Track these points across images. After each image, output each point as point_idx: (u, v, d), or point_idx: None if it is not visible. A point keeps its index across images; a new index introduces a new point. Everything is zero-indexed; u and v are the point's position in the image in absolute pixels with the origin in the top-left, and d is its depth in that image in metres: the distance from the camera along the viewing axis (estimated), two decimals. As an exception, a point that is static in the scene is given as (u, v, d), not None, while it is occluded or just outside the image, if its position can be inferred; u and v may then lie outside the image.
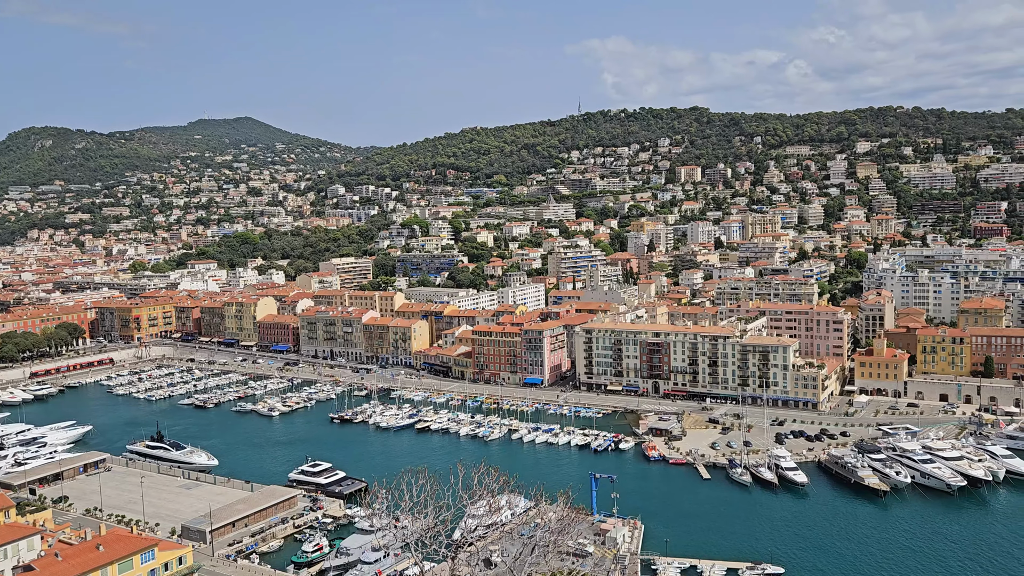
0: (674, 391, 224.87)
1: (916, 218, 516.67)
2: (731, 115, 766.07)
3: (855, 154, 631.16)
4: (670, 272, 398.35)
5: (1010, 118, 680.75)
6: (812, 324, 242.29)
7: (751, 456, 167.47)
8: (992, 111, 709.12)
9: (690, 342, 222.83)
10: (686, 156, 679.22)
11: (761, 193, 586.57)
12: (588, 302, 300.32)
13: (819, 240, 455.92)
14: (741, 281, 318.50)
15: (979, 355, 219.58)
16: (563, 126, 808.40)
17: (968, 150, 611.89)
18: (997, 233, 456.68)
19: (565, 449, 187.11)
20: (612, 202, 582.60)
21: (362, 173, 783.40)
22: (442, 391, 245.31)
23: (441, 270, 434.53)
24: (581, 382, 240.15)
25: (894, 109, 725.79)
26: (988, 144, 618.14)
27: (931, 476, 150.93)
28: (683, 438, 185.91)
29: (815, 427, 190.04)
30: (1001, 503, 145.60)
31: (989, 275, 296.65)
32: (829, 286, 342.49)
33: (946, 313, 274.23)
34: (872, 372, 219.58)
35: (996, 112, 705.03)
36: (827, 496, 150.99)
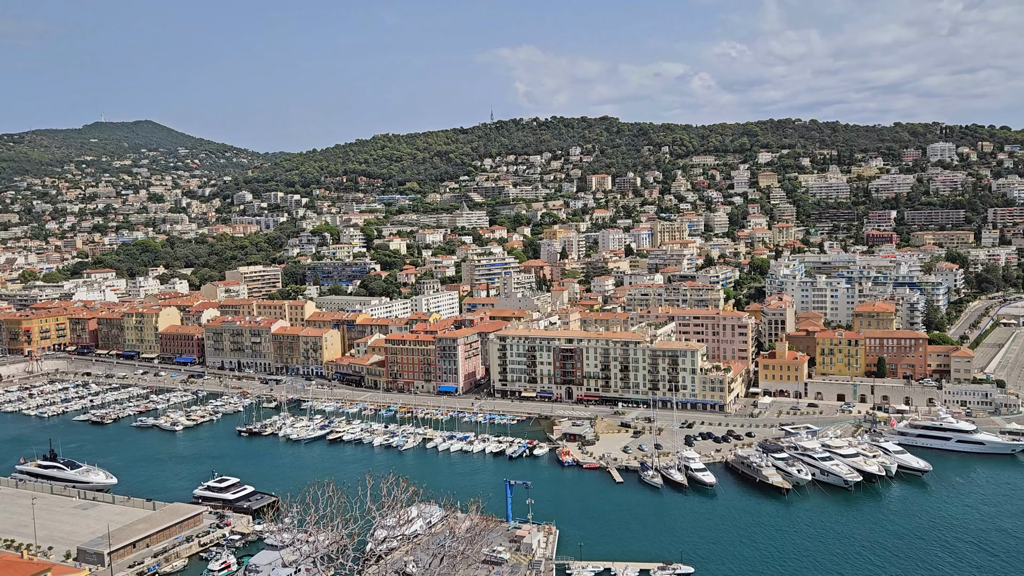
0: (587, 396, 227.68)
1: (814, 226, 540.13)
2: (640, 125, 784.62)
3: (757, 164, 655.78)
4: (582, 279, 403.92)
5: (898, 131, 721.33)
6: (719, 329, 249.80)
7: (662, 459, 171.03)
8: (882, 125, 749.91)
9: (602, 348, 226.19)
10: (597, 165, 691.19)
11: (669, 201, 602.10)
12: (502, 309, 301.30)
13: (724, 247, 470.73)
14: (651, 287, 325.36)
15: (872, 356, 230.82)
16: (476, 134, 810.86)
17: (860, 161, 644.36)
18: (887, 240, 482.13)
19: (480, 457, 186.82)
20: (525, 210, 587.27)
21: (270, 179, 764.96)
22: (355, 401, 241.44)
23: (353, 278, 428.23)
24: (496, 389, 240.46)
25: (793, 122, 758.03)
26: (878, 156, 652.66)
27: (830, 473, 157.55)
28: (596, 443, 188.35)
29: (722, 429, 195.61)
30: (894, 497, 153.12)
31: (881, 280, 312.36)
32: (734, 292, 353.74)
33: (842, 316, 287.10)
34: (775, 374, 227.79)
35: (885, 126, 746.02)
36: (734, 495, 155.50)
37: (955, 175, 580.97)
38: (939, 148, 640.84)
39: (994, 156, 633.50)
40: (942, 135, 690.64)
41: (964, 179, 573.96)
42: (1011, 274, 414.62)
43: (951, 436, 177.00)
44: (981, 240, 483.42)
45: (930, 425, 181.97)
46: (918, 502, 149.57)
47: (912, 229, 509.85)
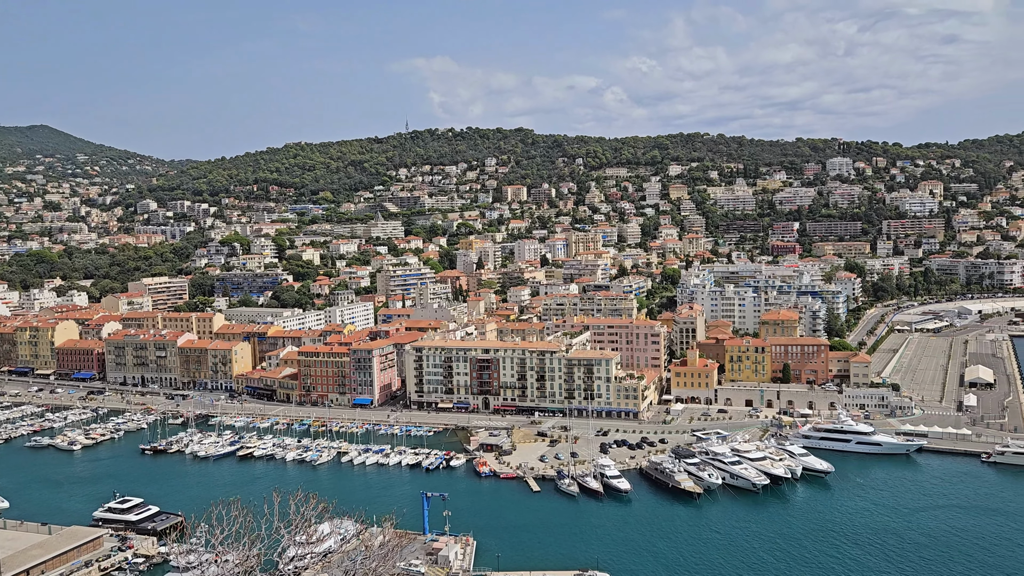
0: (504, 406, 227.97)
1: (722, 237, 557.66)
2: (554, 137, 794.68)
3: (668, 177, 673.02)
4: (498, 289, 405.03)
5: (799, 146, 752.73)
6: (632, 337, 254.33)
7: (578, 467, 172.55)
8: (785, 140, 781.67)
9: (519, 358, 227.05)
10: (512, 176, 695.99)
11: (584, 212, 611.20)
12: (418, 320, 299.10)
13: (637, 257, 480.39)
14: (566, 297, 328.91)
15: (778, 363, 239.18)
16: (391, 143, 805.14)
17: (765, 175, 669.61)
18: (791, 251, 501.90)
19: (396, 469, 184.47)
20: (441, 220, 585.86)
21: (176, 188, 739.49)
22: (266, 415, 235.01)
23: (264, 289, 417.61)
24: (412, 401, 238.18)
25: (701, 136, 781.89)
26: (782, 170, 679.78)
27: (739, 476, 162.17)
28: (513, 452, 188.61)
29: (636, 436, 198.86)
30: (799, 498, 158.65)
31: (785, 289, 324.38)
32: (647, 301, 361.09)
33: (749, 325, 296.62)
34: (686, 381, 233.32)
35: (788, 141, 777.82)
36: (648, 501, 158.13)
37: (852, 189, 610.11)
38: (837, 163, 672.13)
39: (887, 171, 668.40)
40: (840, 150, 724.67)
41: (861, 193, 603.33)
42: (904, 283, 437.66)
43: (851, 438, 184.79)
44: (877, 251, 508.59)
45: (832, 428, 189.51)
46: (821, 502, 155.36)
47: (814, 240, 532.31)
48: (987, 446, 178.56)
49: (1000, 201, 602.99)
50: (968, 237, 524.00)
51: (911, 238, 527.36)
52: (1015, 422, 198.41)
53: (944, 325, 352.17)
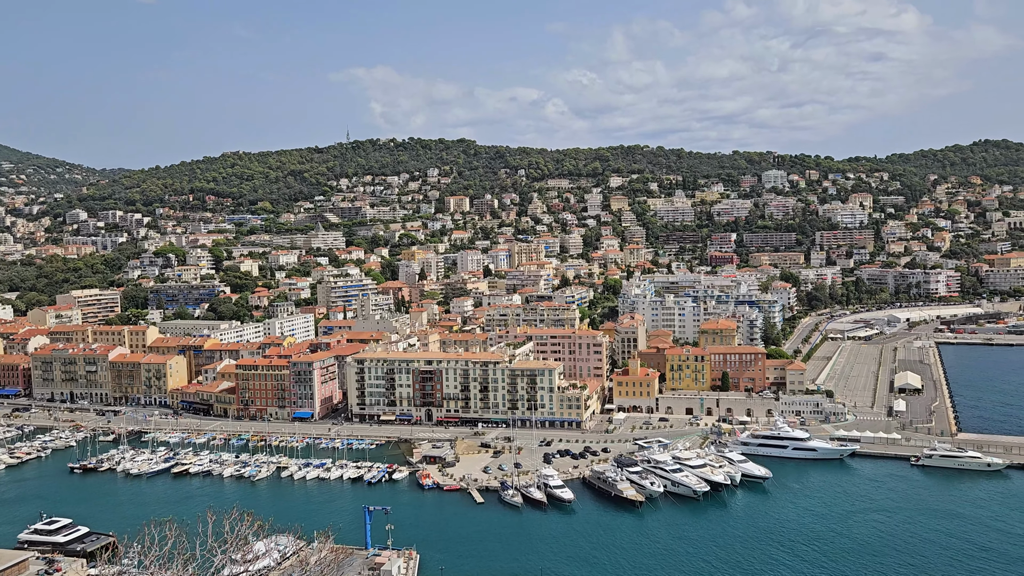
0: (447, 418, 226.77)
1: (662, 247, 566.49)
2: (497, 148, 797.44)
3: (609, 188, 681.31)
4: (441, 300, 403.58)
5: (736, 159, 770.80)
6: (575, 347, 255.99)
7: (521, 477, 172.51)
8: (722, 152, 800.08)
9: (462, 369, 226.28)
10: (455, 186, 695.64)
11: (526, 223, 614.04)
12: (360, 332, 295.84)
13: (579, 268, 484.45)
14: (509, 308, 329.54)
15: (717, 371, 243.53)
16: (331, 153, 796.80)
17: (703, 187, 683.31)
18: (729, 261, 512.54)
19: (338, 483, 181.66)
20: (383, 231, 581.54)
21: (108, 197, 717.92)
22: (202, 431, 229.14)
23: (201, 301, 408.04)
24: (354, 413, 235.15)
25: (641, 148, 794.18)
26: (719, 182, 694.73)
27: (680, 484, 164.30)
28: (456, 464, 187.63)
29: (579, 445, 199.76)
30: (738, 504, 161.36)
31: (723, 299, 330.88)
32: (589, 311, 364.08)
33: (689, 334, 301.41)
34: (628, 391, 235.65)
35: (725, 154, 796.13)
36: (591, 510, 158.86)
37: (787, 201, 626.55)
38: (772, 176, 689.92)
39: (820, 184, 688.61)
40: (775, 163, 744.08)
41: (795, 204, 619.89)
42: (836, 292, 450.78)
43: (788, 444, 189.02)
44: (810, 261, 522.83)
45: (769, 434, 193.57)
46: (760, 508, 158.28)
47: (750, 251, 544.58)
48: (915, 450, 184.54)
49: (925, 213, 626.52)
50: (896, 248, 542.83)
51: (843, 249, 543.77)
52: (941, 426, 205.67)
53: (875, 333, 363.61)
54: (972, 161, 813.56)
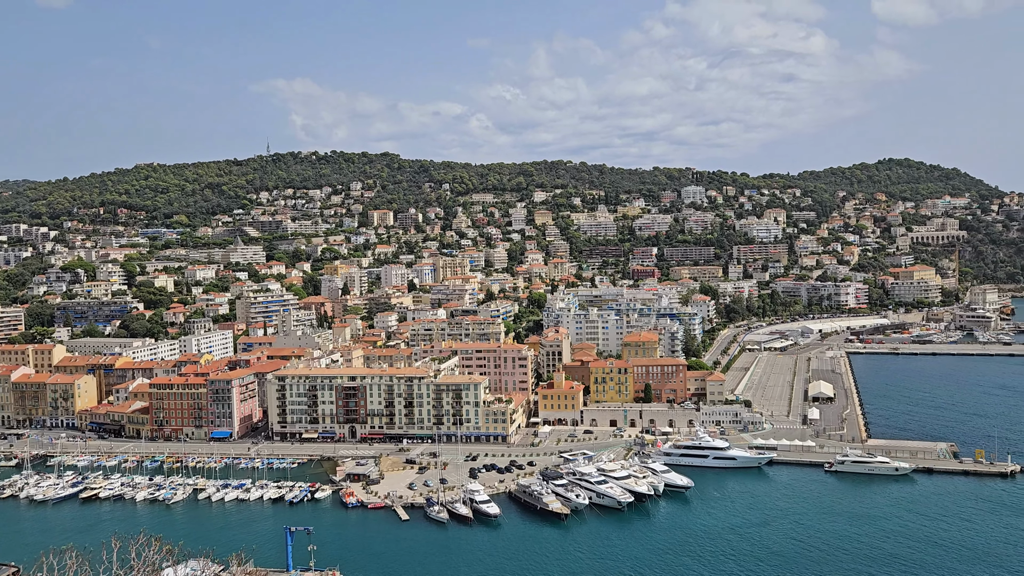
0: (371, 434, 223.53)
1: (586, 261, 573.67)
2: (421, 162, 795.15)
3: (533, 203, 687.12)
4: (365, 315, 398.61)
5: (656, 175, 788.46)
6: (500, 361, 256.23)
7: (447, 493, 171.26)
8: (643, 168, 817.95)
9: (386, 384, 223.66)
10: (378, 200, 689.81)
11: (451, 237, 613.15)
12: (281, 348, 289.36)
13: (504, 282, 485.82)
14: (434, 322, 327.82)
15: (640, 383, 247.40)
16: (251, 166, 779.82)
17: (625, 202, 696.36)
18: (650, 275, 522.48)
19: (258, 504, 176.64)
20: (304, 245, 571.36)
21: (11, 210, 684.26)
22: (113, 453, 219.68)
23: (112, 318, 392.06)
24: (274, 432, 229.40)
25: (564, 163, 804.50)
26: (640, 197, 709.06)
27: (605, 495, 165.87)
28: (381, 481, 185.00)
29: (505, 459, 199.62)
30: (661, 513, 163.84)
31: (645, 312, 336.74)
32: (514, 325, 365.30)
33: (613, 346, 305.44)
34: (553, 404, 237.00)
35: (645, 169, 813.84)
36: (517, 524, 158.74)
37: (705, 216, 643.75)
38: (691, 191, 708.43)
39: (736, 199, 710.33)
40: (694, 179, 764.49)
41: (713, 219, 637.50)
42: (753, 304, 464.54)
43: (708, 454, 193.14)
44: (728, 274, 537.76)
45: (691, 444, 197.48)
46: (682, 517, 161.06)
47: (671, 264, 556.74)
48: (829, 456, 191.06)
49: (835, 228, 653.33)
50: (808, 261, 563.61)
51: (759, 262, 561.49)
52: (853, 433, 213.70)
53: (789, 344, 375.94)
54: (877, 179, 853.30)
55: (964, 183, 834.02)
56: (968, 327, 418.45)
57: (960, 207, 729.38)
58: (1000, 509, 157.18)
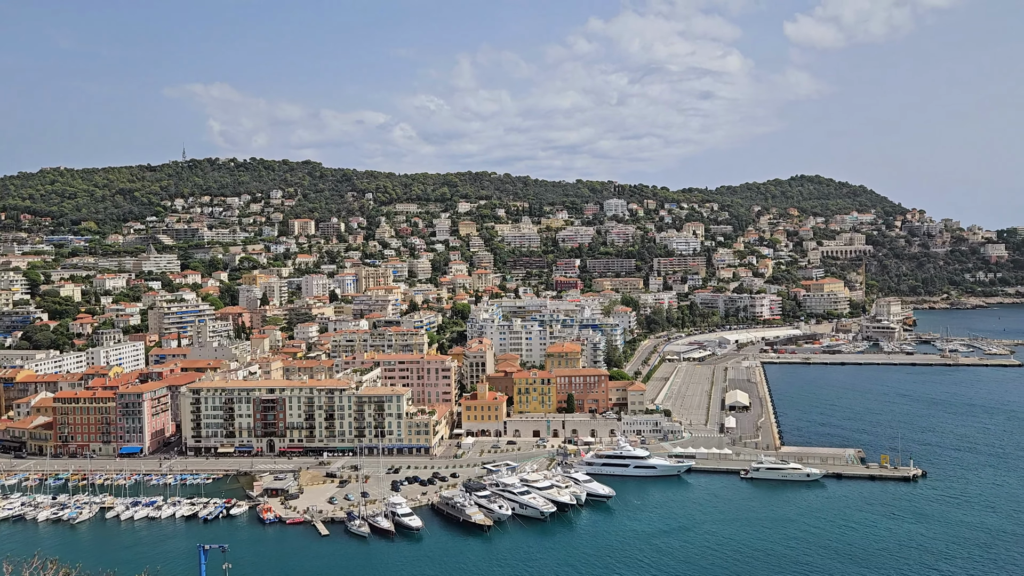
0: (291, 448, 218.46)
1: (510, 272, 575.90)
2: (343, 171, 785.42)
3: (457, 214, 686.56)
4: (285, 326, 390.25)
5: (579, 188, 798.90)
6: (423, 373, 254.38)
7: (368, 507, 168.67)
8: (566, 181, 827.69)
9: (306, 396, 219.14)
10: (299, 209, 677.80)
11: (374, 247, 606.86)
12: (196, 360, 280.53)
13: (428, 293, 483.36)
14: (356, 333, 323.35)
15: (563, 393, 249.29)
16: (166, 172, 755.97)
17: (549, 214, 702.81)
18: (573, 286, 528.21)
19: (170, 522, 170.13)
20: (222, 254, 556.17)
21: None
22: (13, 471, 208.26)
23: (13, 329, 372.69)
24: (188, 447, 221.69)
25: (489, 174, 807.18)
26: (564, 209, 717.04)
27: (528, 506, 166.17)
28: (300, 496, 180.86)
29: (428, 471, 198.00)
30: (583, 523, 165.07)
31: (568, 323, 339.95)
32: (437, 336, 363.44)
33: (536, 357, 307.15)
34: (477, 415, 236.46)
35: (569, 182, 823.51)
36: (440, 537, 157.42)
37: (627, 228, 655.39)
38: (613, 204, 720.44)
39: (657, 212, 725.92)
40: (615, 193, 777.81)
41: (634, 232, 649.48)
42: (673, 316, 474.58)
43: (630, 463, 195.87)
44: (649, 286, 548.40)
45: (612, 454, 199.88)
46: (604, 525, 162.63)
47: (593, 276, 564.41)
48: (745, 463, 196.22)
49: (751, 242, 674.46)
50: (726, 274, 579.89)
51: (678, 274, 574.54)
52: (767, 440, 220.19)
53: (707, 354, 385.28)
54: (790, 194, 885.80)
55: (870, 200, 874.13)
56: (874, 338, 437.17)
57: (867, 223, 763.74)
58: (902, 512, 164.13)
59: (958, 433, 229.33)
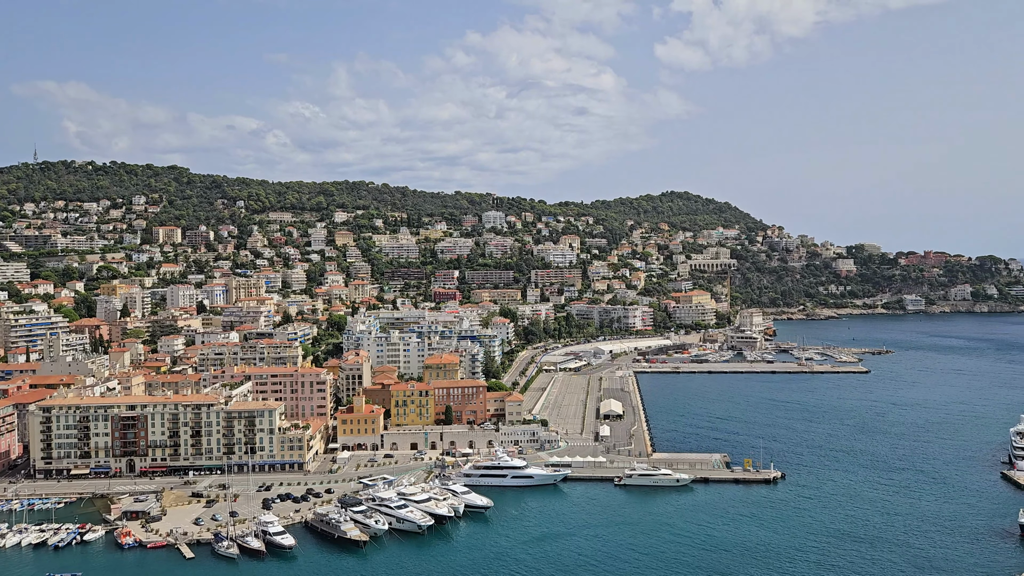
0: (153, 467, 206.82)
1: (387, 284, 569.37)
2: (213, 177, 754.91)
3: (334, 223, 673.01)
4: (148, 339, 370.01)
5: (458, 199, 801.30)
6: (297, 386, 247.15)
7: (238, 526, 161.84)
8: (445, 192, 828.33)
9: (171, 413, 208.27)
10: (165, 216, 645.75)
11: (245, 257, 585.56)
12: (47, 376, 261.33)
13: (302, 304, 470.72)
14: (226, 346, 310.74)
15: (441, 405, 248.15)
16: (14, 174, 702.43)
17: (427, 225, 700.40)
18: (452, 297, 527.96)
19: (15, 552, 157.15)
20: (78, 262, 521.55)
21: None
22: None
23: None
24: (37, 469, 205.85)
25: (367, 184, 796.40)
26: (443, 220, 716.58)
27: (405, 520, 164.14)
28: (163, 518, 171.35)
29: (302, 488, 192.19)
30: (461, 535, 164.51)
31: (447, 334, 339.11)
32: (313, 348, 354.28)
33: (414, 369, 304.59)
34: (353, 428, 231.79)
35: (448, 193, 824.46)
36: (314, 555, 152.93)
37: (505, 240, 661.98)
38: (492, 216, 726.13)
39: (534, 225, 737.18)
40: (494, 205, 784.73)
41: (512, 244, 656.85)
42: (550, 327, 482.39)
43: (507, 473, 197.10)
44: (527, 297, 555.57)
45: (490, 465, 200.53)
46: (481, 536, 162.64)
47: (472, 287, 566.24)
48: (618, 471, 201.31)
49: (624, 255, 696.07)
50: (600, 286, 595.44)
51: (555, 286, 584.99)
52: (639, 448, 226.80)
53: (583, 364, 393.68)
54: (661, 209, 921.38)
55: (735, 216, 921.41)
56: (738, 347, 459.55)
57: (731, 238, 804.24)
58: (763, 513, 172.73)
59: (813, 437, 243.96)
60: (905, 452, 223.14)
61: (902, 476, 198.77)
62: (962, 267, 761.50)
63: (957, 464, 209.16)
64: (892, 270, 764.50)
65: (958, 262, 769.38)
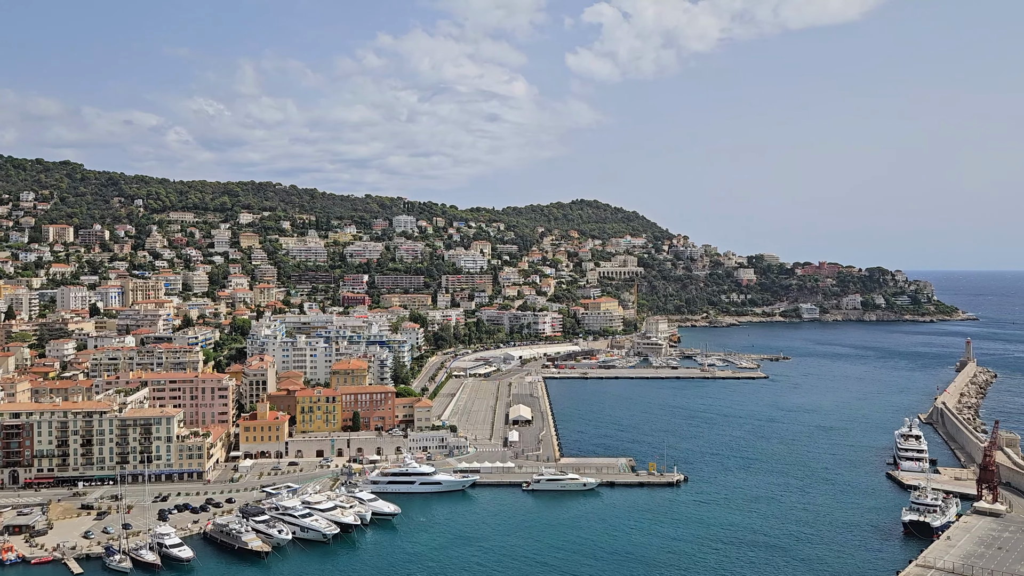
0: (39, 479, 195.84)
1: (294, 287, 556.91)
2: (109, 174, 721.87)
3: (239, 224, 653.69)
4: (35, 343, 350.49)
5: (368, 203, 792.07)
6: (197, 392, 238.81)
7: (131, 539, 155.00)
8: (355, 195, 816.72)
9: (59, 421, 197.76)
10: (56, 214, 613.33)
11: (143, 258, 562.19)
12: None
13: (204, 307, 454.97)
14: (121, 350, 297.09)
15: (348, 411, 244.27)
16: None
17: (337, 228, 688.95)
18: (361, 302, 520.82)
19: None
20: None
21: None
22: None
23: None
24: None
25: (274, 185, 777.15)
26: (352, 224, 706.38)
27: (310, 529, 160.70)
28: (49, 531, 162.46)
29: (201, 498, 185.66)
30: (368, 543, 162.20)
31: (355, 339, 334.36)
32: (215, 353, 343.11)
33: (321, 375, 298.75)
34: (256, 436, 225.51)
35: (358, 196, 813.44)
36: (212, 567, 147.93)
37: (416, 245, 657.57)
38: (403, 220, 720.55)
39: (446, 230, 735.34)
40: (405, 209, 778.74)
41: (423, 249, 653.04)
42: (460, 332, 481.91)
43: (415, 479, 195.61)
44: (437, 303, 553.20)
45: (398, 471, 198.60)
46: (388, 544, 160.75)
47: (382, 292, 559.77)
48: (527, 476, 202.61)
49: (535, 261, 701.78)
50: (511, 292, 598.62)
51: (466, 292, 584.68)
52: (548, 453, 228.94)
53: (493, 370, 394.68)
54: (571, 217, 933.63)
55: (642, 225, 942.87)
56: (644, 353, 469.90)
57: (639, 246, 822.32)
58: (666, 515, 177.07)
59: (714, 440, 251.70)
60: (799, 454, 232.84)
61: (796, 477, 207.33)
62: (853, 278, 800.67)
63: (847, 465, 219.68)
64: (789, 280, 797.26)
65: (850, 273, 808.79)
